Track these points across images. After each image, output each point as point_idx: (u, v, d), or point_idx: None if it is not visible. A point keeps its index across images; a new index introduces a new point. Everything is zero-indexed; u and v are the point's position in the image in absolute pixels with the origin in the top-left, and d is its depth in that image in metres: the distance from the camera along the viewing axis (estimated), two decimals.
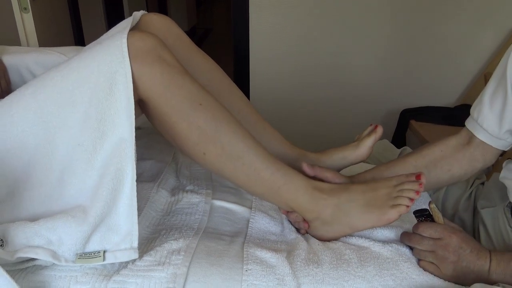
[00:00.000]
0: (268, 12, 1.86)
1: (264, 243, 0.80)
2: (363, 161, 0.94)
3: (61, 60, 1.12)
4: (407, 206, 0.74)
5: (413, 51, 1.91)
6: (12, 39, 1.41)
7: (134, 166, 0.69)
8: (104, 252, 0.68)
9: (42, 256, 0.67)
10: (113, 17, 2.69)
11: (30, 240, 0.68)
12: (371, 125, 0.95)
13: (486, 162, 0.86)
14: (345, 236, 0.80)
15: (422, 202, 0.92)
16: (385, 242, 0.78)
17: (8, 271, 0.64)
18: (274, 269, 0.71)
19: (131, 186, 0.69)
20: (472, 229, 0.95)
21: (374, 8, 1.83)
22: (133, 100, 0.69)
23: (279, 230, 0.85)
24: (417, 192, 0.74)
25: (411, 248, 0.77)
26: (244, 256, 0.74)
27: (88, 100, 0.69)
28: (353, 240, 0.79)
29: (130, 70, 0.68)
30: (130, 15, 0.88)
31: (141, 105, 0.76)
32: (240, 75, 1.96)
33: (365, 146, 0.91)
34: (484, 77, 1.82)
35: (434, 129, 1.64)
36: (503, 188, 0.88)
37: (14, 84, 1.16)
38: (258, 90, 2.00)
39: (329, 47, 1.91)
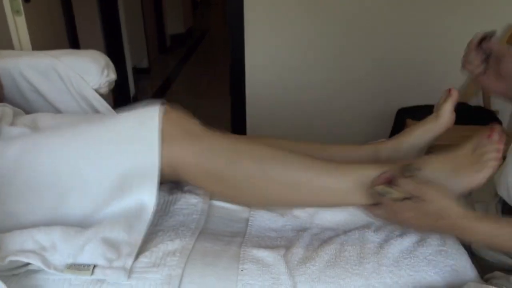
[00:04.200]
0: (263, 13, 1.86)
1: (263, 240, 0.79)
2: (448, 127, 0.88)
3: (53, 64, 1.12)
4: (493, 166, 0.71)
5: (408, 49, 1.91)
6: (5, 43, 1.40)
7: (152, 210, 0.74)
8: (94, 267, 0.68)
9: (32, 260, 0.66)
10: (108, 20, 2.68)
11: (24, 244, 0.69)
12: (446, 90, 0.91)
13: None
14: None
15: None
16: (388, 236, 0.78)
17: (1, 277, 0.63)
18: (270, 268, 0.70)
19: (147, 221, 0.74)
20: None
21: (370, 8, 1.83)
22: (158, 165, 0.72)
23: (279, 225, 0.85)
24: (499, 150, 0.70)
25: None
26: (241, 255, 0.73)
27: (110, 156, 0.73)
28: (357, 234, 0.79)
29: (159, 140, 0.72)
30: (126, 19, 0.91)
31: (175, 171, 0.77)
32: (236, 76, 1.95)
33: (446, 111, 0.87)
34: None
35: None
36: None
37: (7, 89, 1.16)
38: (254, 91, 1.99)
39: (325, 47, 1.91)
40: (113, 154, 0.73)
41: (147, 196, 0.74)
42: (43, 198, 0.73)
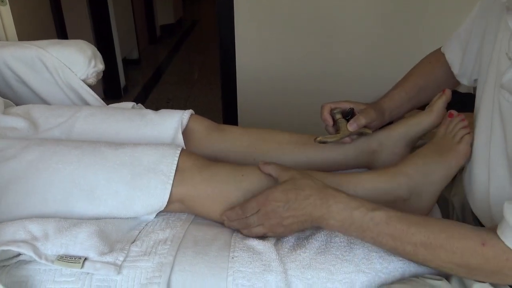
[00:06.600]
0: (253, 2, 1.84)
1: None
2: (437, 125, 0.94)
3: (39, 54, 1.10)
4: (469, 133, 0.81)
5: (402, 42, 1.91)
6: None
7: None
8: (85, 259, 0.68)
9: (24, 250, 0.66)
10: (97, 10, 2.64)
11: (16, 234, 0.68)
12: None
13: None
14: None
15: None
16: None
17: None
18: (261, 255, 0.70)
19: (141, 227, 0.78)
20: (461, 214, 0.95)
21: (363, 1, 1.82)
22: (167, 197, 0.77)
23: None
24: (463, 119, 0.84)
25: None
26: (232, 244, 0.74)
27: (125, 183, 0.76)
28: None
29: (174, 171, 0.78)
30: (115, 9, 0.90)
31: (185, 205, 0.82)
32: (226, 66, 1.94)
33: (438, 108, 0.93)
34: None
35: None
36: None
37: None
38: (244, 81, 1.98)
39: (318, 37, 1.90)
40: (126, 176, 0.76)
41: (146, 215, 0.79)
42: (48, 203, 0.75)
